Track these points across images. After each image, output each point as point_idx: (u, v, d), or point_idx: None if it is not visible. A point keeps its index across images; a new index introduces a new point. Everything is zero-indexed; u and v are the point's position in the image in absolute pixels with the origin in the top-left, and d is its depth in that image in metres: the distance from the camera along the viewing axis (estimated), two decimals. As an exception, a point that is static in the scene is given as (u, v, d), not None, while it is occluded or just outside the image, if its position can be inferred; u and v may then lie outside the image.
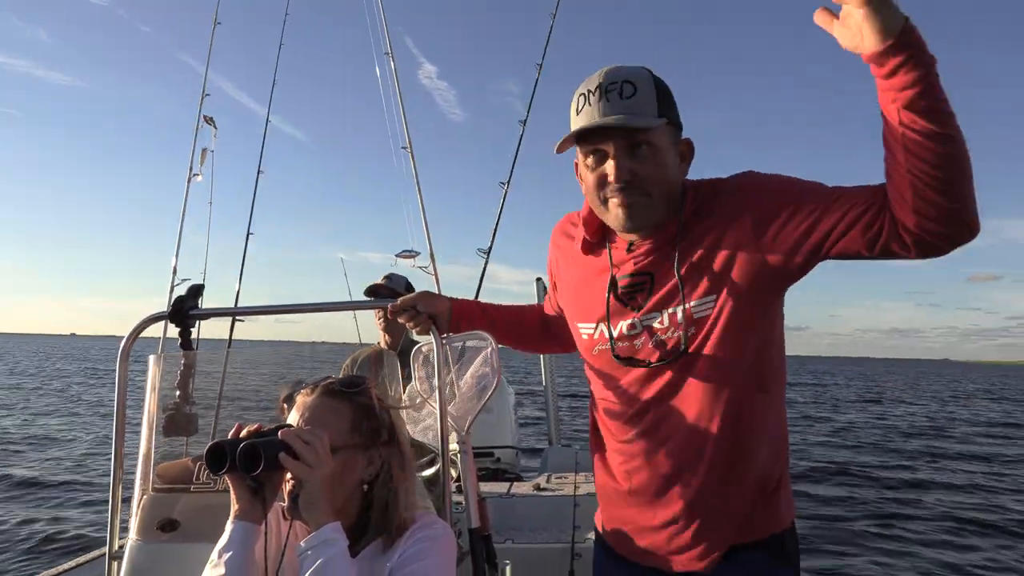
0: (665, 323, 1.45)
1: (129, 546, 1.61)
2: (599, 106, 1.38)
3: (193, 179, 4.62)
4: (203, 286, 1.93)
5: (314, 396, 1.38)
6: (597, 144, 1.41)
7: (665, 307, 1.45)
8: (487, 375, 1.71)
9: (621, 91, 1.37)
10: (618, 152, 1.39)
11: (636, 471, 1.54)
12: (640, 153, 1.39)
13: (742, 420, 1.45)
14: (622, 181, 1.39)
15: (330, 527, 1.24)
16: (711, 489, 1.47)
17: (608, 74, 1.39)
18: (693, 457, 1.47)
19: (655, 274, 1.47)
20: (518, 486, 4.63)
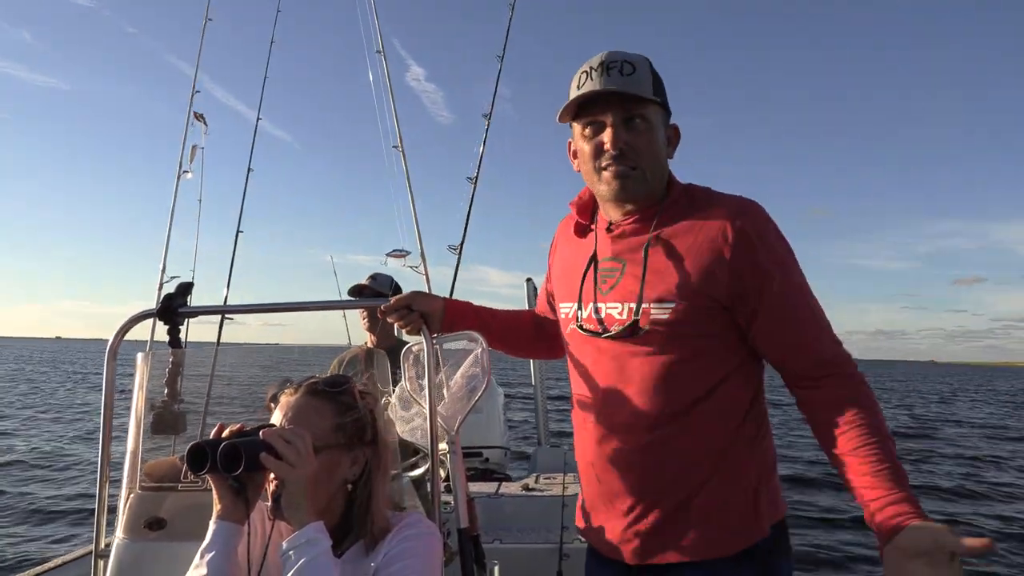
0: (624, 315, 1.49)
1: (116, 545, 1.60)
2: (600, 80, 1.45)
3: (183, 176, 4.59)
4: (192, 284, 1.92)
5: (297, 396, 1.37)
6: (595, 115, 1.48)
7: (625, 300, 1.49)
8: (477, 375, 1.71)
9: (621, 68, 1.45)
10: (615, 121, 1.46)
11: (598, 457, 1.55)
12: (635, 126, 1.46)
13: (686, 414, 1.46)
14: (617, 149, 1.46)
15: (313, 527, 1.23)
16: (654, 481, 1.48)
17: (610, 54, 1.48)
18: (638, 438, 1.48)
19: (627, 262, 1.51)
20: (507, 486, 4.64)
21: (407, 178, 4.80)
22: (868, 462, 1.30)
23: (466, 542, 1.66)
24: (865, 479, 1.29)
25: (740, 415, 1.50)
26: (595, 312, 1.54)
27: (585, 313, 1.56)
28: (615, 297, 1.51)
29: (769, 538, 1.49)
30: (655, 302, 1.45)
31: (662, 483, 1.48)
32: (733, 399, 1.49)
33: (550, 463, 5.50)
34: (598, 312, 1.54)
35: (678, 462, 1.47)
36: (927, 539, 1.16)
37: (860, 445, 1.32)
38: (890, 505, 1.24)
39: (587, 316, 1.56)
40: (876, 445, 1.31)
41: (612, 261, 1.54)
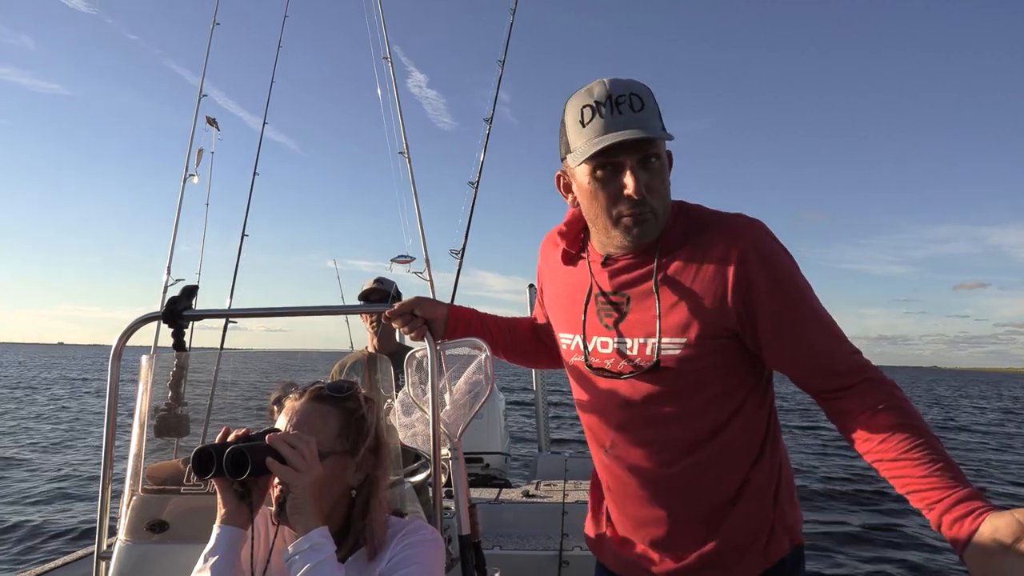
0: (635, 351, 1.44)
1: (118, 547, 1.60)
2: (611, 119, 1.34)
3: (189, 179, 4.60)
4: (197, 287, 1.93)
5: (302, 401, 1.38)
6: (612, 157, 1.35)
7: (638, 335, 1.44)
8: (480, 382, 1.71)
9: (631, 104, 1.35)
10: (634, 165, 1.35)
11: (615, 481, 1.55)
12: (651, 166, 1.36)
13: (707, 446, 1.44)
14: (640, 195, 1.35)
15: (318, 532, 1.23)
16: (678, 509, 1.47)
17: (613, 86, 1.36)
18: (660, 473, 1.47)
19: (632, 297, 1.46)
20: (507, 492, 4.63)
21: (412, 184, 4.82)
22: (920, 465, 1.21)
23: (467, 548, 1.66)
24: (921, 483, 1.20)
25: (759, 438, 1.49)
26: (600, 346, 1.49)
27: (600, 349, 1.50)
28: (627, 332, 1.45)
29: (793, 554, 1.49)
30: (668, 338, 1.40)
31: (686, 513, 1.47)
32: (751, 424, 1.47)
33: (551, 470, 5.49)
34: (604, 347, 1.49)
35: (702, 491, 1.46)
36: (1010, 527, 1.06)
37: (907, 449, 1.23)
38: (957, 505, 1.14)
39: (596, 350, 1.50)
40: (923, 446, 1.22)
41: (615, 295, 1.48)
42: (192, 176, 4.59)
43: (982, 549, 1.08)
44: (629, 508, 1.53)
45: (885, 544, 8.45)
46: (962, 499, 1.15)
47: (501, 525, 4.07)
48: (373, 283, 3.91)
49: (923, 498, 1.19)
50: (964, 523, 1.12)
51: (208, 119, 4.81)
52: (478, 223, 5.08)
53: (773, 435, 1.52)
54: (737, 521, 1.46)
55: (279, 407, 2.37)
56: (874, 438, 1.27)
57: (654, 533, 1.50)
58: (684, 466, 1.45)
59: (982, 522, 1.10)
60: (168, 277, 4.41)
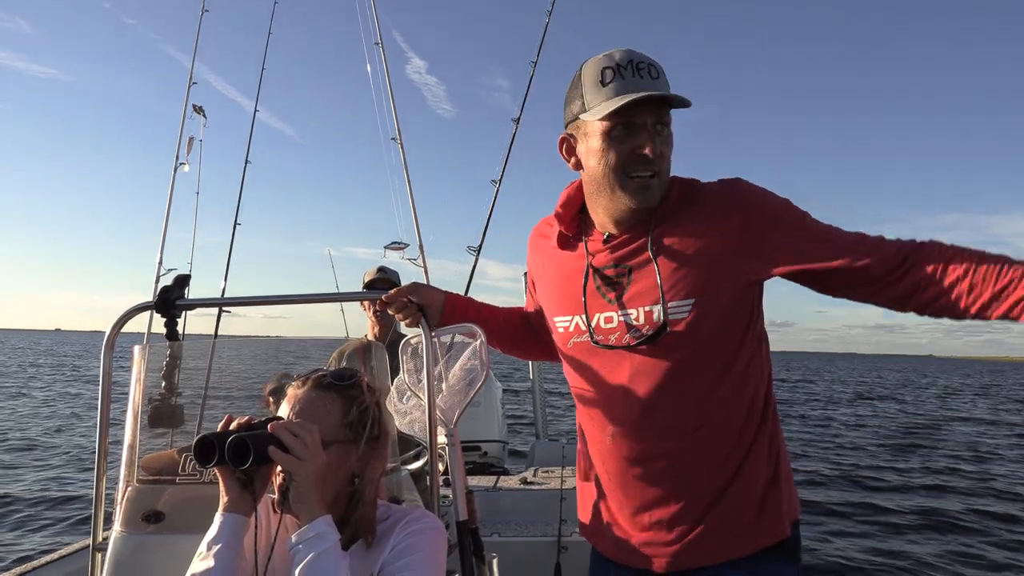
0: (641, 320, 1.46)
1: (113, 538, 1.59)
2: (635, 80, 1.38)
3: (180, 168, 4.58)
4: (189, 276, 1.91)
5: (305, 389, 1.37)
6: (631, 116, 1.38)
7: (642, 304, 1.46)
8: (475, 368, 1.71)
9: (650, 70, 1.40)
10: (653, 128, 1.39)
11: (616, 465, 1.54)
12: (664, 133, 1.42)
13: (712, 415, 1.46)
14: (656, 155, 1.39)
15: (322, 520, 1.23)
16: (681, 488, 1.48)
17: (632, 53, 1.41)
18: (666, 446, 1.48)
19: (633, 268, 1.48)
20: (505, 480, 4.64)
21: (405, 170, 4.80)
22: (1007, 270, 1.26)
23: (465, 535, 1.65)
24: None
25: (760, 410, 1.51)
26: (604, 322, 1.51)
27: (592, 324, 1.53)
28: (631, 303, 1.48)
29: (793, 534, 1.51)
30: (674, 302, 1.43)
31: (694, 487, 1.48)
32: (753, 394, 1.50)
33: (548, 457, 5.50)
34: (609, 321, 1.50)
35: (704, 467, 1.47)
36: None
37: (1000, 275, 1.26)
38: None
39: (600, 326, 1.52)
40: (1008, 265, 1.26)
41: (614, 268, 1.51)
42: (183, 165, 4.57)
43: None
44: (632, 491, 1.53)
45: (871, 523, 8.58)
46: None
47: (499, 512, 4.08)
48: (377, 272, 3.90)
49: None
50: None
51: (195, 107, 4.78)
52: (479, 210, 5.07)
53: (772, 411, 1.53)
54: (736, 497, 1.47)
55: (274, 396, 2.36)
56: (966, 286, 1.29)
57: (656, 515, 1.50)
58: (688, 441, 1.46)
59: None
60: (161, 266, 4.39)
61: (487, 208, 5.03)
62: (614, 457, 1.54)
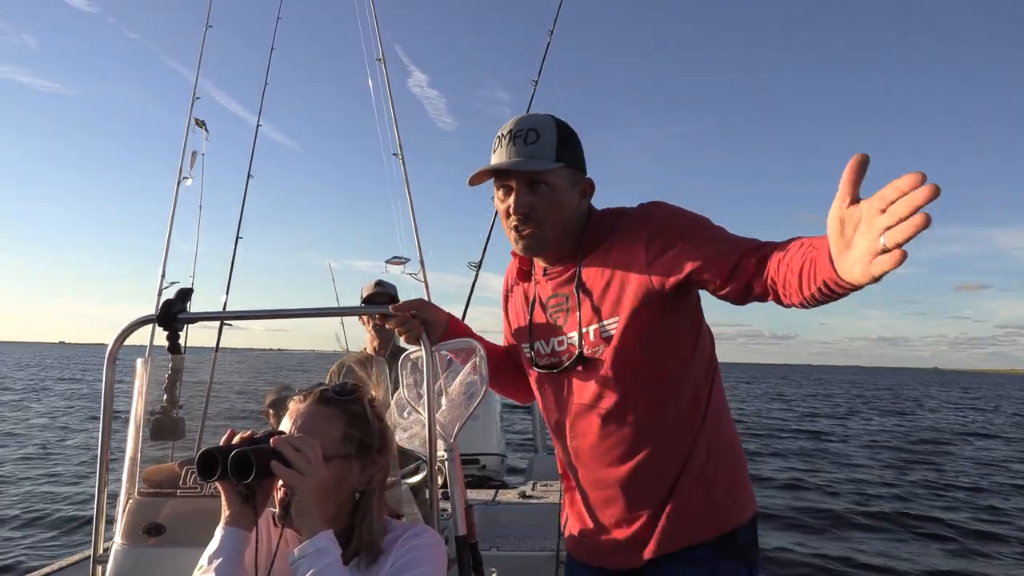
0: (575, 343, 1.64)
1: (114, 550, 1.60)
2: (506, 149, 1.59)
3: (183, 182, 4.60)
4: (191, 290, 1.93)
5: (307, 403, 1.37)
6: (504, 181, 1.61)
7: (574, 329, 1.64)
8: (475, 383, 1.72)
9: (526, 138, 1.59)
10: (519, 188, 1.59)
11: (576, 471, 1.71)
12: (539, 191, 1.59)
13: (650, 425, 1.59)
14: (520, 213, 1.59)
15: (323, 535, 1.23)
16: (633, 486, 1.61)
17: (518, 122, 1.61)
18: (612, 455, 1.62)
19: (568, 296, 1.66)
20: (504, 493, 4.63)
21: (407, 186, 4.82)
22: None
23: (464, 549, 1.66)
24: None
25: (703, 403, 1.63)
26: (555, 347, 1.69)
27: (544, 349, 1.72)
28: (570, 328, 1.66)
29: (748, 526, 1.63)
30: (601, 321, 1.59)
31: (643, 487, 1.61)
32: (694, 391, 1.62)
33: (547, 471, 5.49)
34: (558, 345, 1.69)
35: (655, 464, 1.60)
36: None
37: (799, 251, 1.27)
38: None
39: (546, 352, 1.72)
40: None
41: (555, 297, 1.70)
42: (186, 179, 4.59)
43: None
44: (590, 496, 1.69)
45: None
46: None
47: (498, 526, 4.07)
48: (375, 286, 3.90)
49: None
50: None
51: (197, 121, 4.81)
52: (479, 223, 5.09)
53: (713, 412, 1.64)
54: (692, 490, 1.59)
55: (274, 409, 2.37)
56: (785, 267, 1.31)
57: (614, 514, 1.65)
58: (628, 450, 1.60)
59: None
60: (163, 279, 4.41)
61: (487, 224, 5.05)
62: (570, 466, 1.73)
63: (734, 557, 1.60)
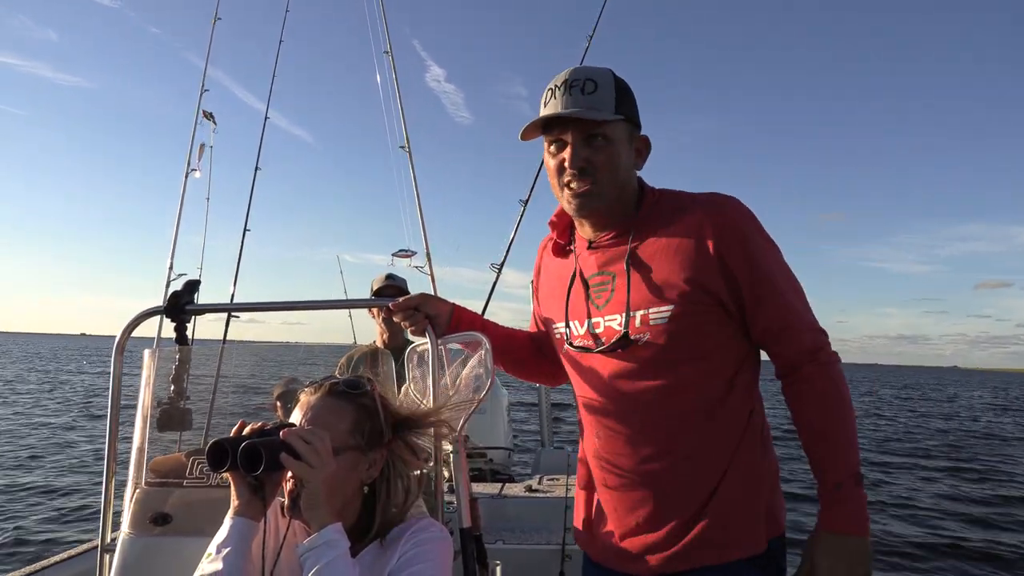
0: (616, 326, 1.53)
1: (121, 539, 1.61)
2: (562, 99, 1.50)
3: (191, 174, 4.61)
4: (199, 282, 1.93)
5: (317, 396, 1.37)
6: (558, 134, 1.53)
7: (619, 311, 1.53)
8: (481, 376, 1.72)
9: (583, 87, 1.50)
10: (575, 140, 1.51)
11: (605, 467, 1.59)
12: (596, 144, 1.50)
13: (686, 422, 1.50)
14: (576, 167, 1.51)
15: (332, 528, 1.23)
16: (665, 487, 1.51)
17: (573, 72, 1.52)
18: (641, 450, 1.52)
19: (616, 275, 1.55)
20: (510, 487, 4.64)
21: (413, 179, 4.82)
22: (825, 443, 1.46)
23: (468, 542, 1.66)
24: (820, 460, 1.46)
25: (745, 416, 1.53)
26: (591, 328, 1.58)
27: (578, 330, 1.61)
28: (611, 309, 1.54)
29: (779, 542, 1.53)
30: (651, 307, 1.48)
31: (676, 492, 1.50)
32: (737, 401, 1.52)
33: (554, 465, 5.49)
34: (595, 327, 1.57)
35: (691, 469, 1.49)
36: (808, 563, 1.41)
37: (813, 438, 1.47)
38: (830, 495, 1.44)
39: (580, 333, 1.60)
40: (836, 431, 1.45)
41: (600, 275, 1.58)
42: (194, 171, 4.61)
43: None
44: (615, 493, 1.57)
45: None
46: (837, 500, 1.42)
47: (504, 519, 4.08)
48: (385, 279, 3.91)
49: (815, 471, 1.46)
50: (824, 515, 1.44)
51: (205, 113, 4.82)
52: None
53: (759, 418, 1.56)
54: (727, 501, 1.48)
55: (282, 401, 2.37)
56: (810, 421, 1.48)
57: (636, 518, 1.54)
58: (674, 443, 1.50)
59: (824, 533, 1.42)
60: (171, 271, 4.43)
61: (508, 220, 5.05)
62: (600, 458, 1.60)
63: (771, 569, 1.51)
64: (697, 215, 1.49)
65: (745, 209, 1.51)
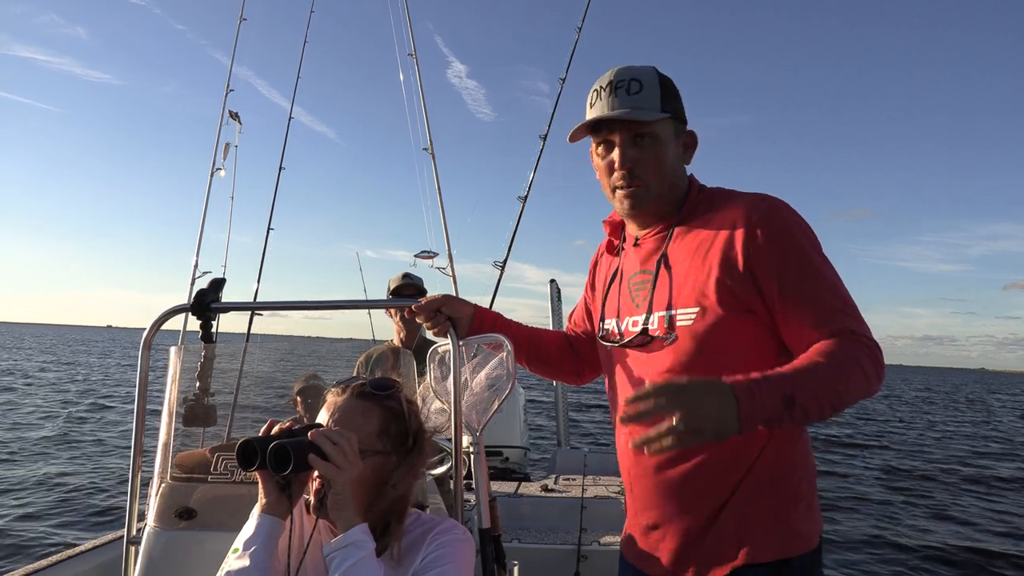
0: (654, 324, 1.53)
1: (147, 532, 1.64)
2: (608, 101, 1.52)
3: (216, 174, 4.66)
4: (224, 280, 1.96)
5: (345, 397, 1.39)
6: (606, 135, 1.56)
7: (657, 308, 1.54)
8: (501, 377, 1.73)
9: (628, 88, 1.52)
10: (623, 141, 1.53)
11: (634, 467, 1.59)
12: (643, 143, 1.52)
13: None
14: (625, 168, 1.53)
15: (358, 529, 1.25)
16: (689, 489, 1.48)
17: (618, 72, 1.54)
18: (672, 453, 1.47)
19: (656, 274, 1.56)
20: (526, 486, 4.65)
21: (436, 181, 4.84)
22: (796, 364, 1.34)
23: (487, 542, 1.67)
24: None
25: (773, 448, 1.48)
26: (624, 325, 1.60)
27: (614, 327, 1.64)
28: (645, 308, 1.56)
29: (812, 558, 1.48)
30: (680, 308, 1.48)
31: (699, 492, 1.48)
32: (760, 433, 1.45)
33: (570, 465, 5.49)
34: (631, 325, 1.59)
35: (713, 470, 1.47)
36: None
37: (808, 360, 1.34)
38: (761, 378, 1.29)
39: (615, 329, 1.63)
40: (815, 363, 1.32)
41: (641, 273, 1.60)
42: (219, 170, 4.66)
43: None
44: (646, 493, 1.56)
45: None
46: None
47: (520, 518, 4.09)
48: (402, 278, 3.93)
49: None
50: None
51: (231, 113, 4.87)
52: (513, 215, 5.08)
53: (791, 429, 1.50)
54: (739, 508, 1.46)
55: (302, 397, 2.40)
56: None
57: (665, 516, 1.52)
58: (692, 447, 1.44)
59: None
60: (196, 268, 4.48)
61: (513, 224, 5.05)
62: (631, 457, 1.59)
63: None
64: (735, 215, 1.47)
65: (787, 211, 1.47)
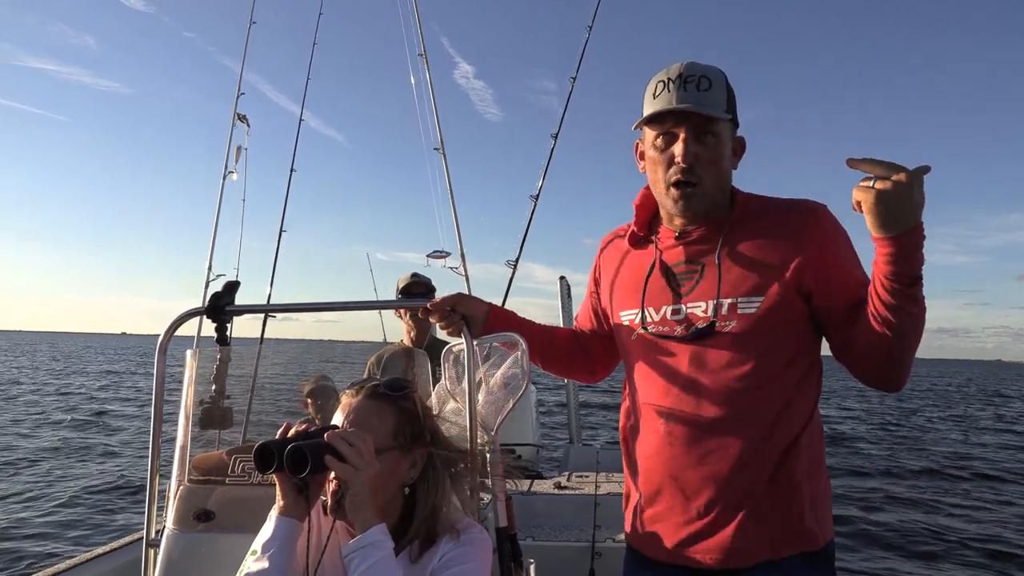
0: (699, 314, 1.54)
1: (166, 534, 1.66)
2: (676, 93, 1.50)
3: (228, 177, 4.68)
4: (238, 283, 1.97)
5: (359, 398, 1.40)
6: (670, 127, 1.52)
7: (704, 299, 1.54)
8: (517, 376, 1.73)
9: (698, 83, 1.50)
10: (688, 136, 1.50)
11: (674, 463, 1.56)
12: (706, 141, 1.51)
13: (758, 413, 1.49)
14: (688, 163, 1.50)
15: (377, 529, 1.26)
16: (735, 480, 1.49)
17: (688, 66, 1.52)
18: (711, 441, 1.51)
19: (705, 265, 1.57)
20: (539, 484, 4.65)
21: (448, 181, 4.84)
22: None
23: (504, 541, 1.68)
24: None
25: (807, 415, 1.54)
26: (672, 314, 1.59)
27: (654, 316, 1.61)
28: (697, 297, 1.56)
29: (828, 549, 1.53)
30: (741, 297, 1.51)
31: (734, 484, 1.49)
32: (806, 397, 1.54)
33: (583, 462, 5.49)
34: (675, 314, 1.58)
35: (748, 463, 1.49)
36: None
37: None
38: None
39: (657, 319, 1.61)
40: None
41: (688, 264, 1.60)
42: (231, 173, 4.67)
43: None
44: (680, 486, 1.55)
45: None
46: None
47: (533, 516, 4.09)
48: (411, 277, 3.94)
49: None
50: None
51: (239, 116, 4.88)
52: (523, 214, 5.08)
53: (819, 424, 1.57)
54: (791, 495, 1.49)
55: (312, 399, 2.42)
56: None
57: (699, 507, 1.52)
58: (746, 432, 1.49)
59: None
60: (210, 272, 4.50)
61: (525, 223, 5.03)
62: (666, 450, 1.57)
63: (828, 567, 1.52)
64: (791, 218, 1.53)
65: (833, 217, 1.55)
